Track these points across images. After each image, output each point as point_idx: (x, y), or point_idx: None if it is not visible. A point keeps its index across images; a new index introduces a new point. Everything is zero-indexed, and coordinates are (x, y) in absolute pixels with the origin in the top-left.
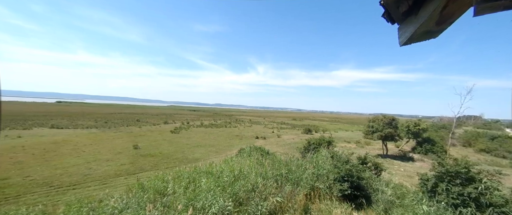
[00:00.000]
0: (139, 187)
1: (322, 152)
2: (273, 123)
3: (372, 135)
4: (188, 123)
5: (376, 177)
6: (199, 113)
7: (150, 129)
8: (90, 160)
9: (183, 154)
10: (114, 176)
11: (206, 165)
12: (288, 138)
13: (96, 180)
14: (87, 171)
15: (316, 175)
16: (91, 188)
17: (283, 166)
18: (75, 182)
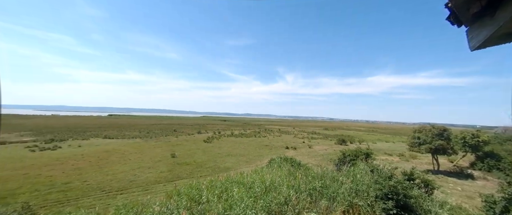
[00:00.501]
0: (176, 194)
1: (359, 165)
2: (303, 133)
3: (419, 147)
4: (219, 133)
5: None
6: (229, 122)
7: (185, 139)
8: (134, 167)
9: (215, 163)
10: (154, 182)
11: (237, 175)
12: (320, 149)
13: (140, 186)
14: (132, 177)
15: (354, 190)
16: (136, 194)
17: (317, 179)
18: (122, 188)
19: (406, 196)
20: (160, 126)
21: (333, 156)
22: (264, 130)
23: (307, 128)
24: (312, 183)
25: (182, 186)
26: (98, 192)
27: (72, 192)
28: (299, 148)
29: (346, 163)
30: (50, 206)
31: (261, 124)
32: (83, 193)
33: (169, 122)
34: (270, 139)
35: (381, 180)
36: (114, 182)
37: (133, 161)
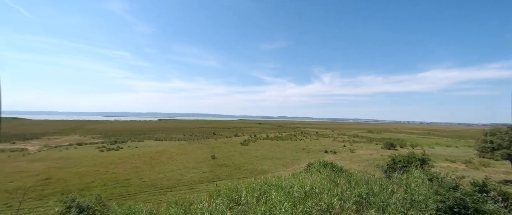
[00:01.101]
0: (218, 194)
1: (414, 172)
2: (343, 136)
3: (492, 153)
4: (255, 136)
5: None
6: (265, 125)
7: (224, 141)
8: (181, 167)
9: (252, 165)
10: (198, 182)
11: (275, 178)
12: (364, 153)
13: (186, 184)
14: (179, 176)
15: (408, 200)
16: (183, 192)
17: (362, 186)
18: (171, 185)
19: (478, 211)
20: (201, 129)
21: (380, 162)
22: (300, 133)
23: (347, 131)
24: (357, 189)
25: (223, 187)
26: (151, 189)
27: (132, 188)
28: (339, 152)
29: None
30: (115, 199)
31: (296, 127)
32: (140, 189)
33: (208, 126)
34: (307, 142)
35: (443, 191)
36: (164, 180)
37: (179, 161)
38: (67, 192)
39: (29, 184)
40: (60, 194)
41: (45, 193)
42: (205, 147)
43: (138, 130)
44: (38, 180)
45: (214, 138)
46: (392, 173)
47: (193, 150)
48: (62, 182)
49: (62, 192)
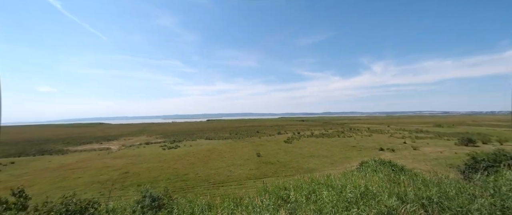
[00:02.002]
0: (265, 191)
1: (505, 174)
2: (402, 131)
3: None
4: (298, 133)
5: None
6: (308, 122)
7: (267, 139)
8: (229, 164)
9: (298, 163)
10: (246, 178)
11: (324, 177)
12: (432, 151)
13: (235, 180)
14: (228, 172)
15: (498, 207)
16: (233, 187)
17: (431, 188)
18: (222, 181)
19: None
20: (244, 128)
21: (454, 161)
22: (348, 129)
23: (407, 126)
24: (425, 191)
25: (270, 184)
26: (206, 183)
27: (189, 182)
28: (398, 150)
29: (480, 170)
30: (177, 191)
31: (344, 123)
32: (196, 183)
33: (251, 124)
34: (357, 139)
35: None
36: (216, 176)
37: (228, 158)
38: (141, 184)
39: (114, 177)
40: (136, 186)
41: (126, 184)
42: (250, 145)
43: (190, 130)
44: (120, 174)
45: (258, 136)
46: (472, 174)
47: (239, 148)
48: (137, 175)
49: (137, 184)
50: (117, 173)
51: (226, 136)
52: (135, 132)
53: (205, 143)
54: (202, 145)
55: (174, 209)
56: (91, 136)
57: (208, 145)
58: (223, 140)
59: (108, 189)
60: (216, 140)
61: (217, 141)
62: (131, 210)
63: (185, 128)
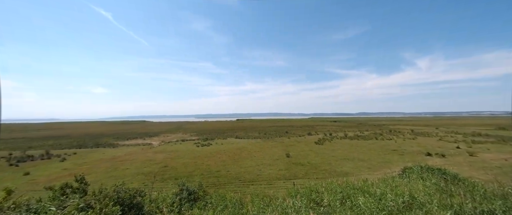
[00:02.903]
0: (296, 193)
1: None
2: (455, 134)
3: None
4: (330, 134)
5: None
6: (341, 123)
7: (297, 140)
8: (259, 163)
9: (330, 165)
10: (275, 178)
11: (360, 182)
12: (493, 158)
13: (264, 180)
14: (258, 172)
15: None
16: (262, 186)
17: (494, 200)
18: (252, 179)
19: None
20: (273, 128)
21: None
22: (388, 131)
23: (461, 128)
24: (487, 204)
25: (300, 186)
26: (236, 181)
27: (221, 179)
28: (450, 156)
29: None
30: (210, 187)
31: (382, 124)
32: (228, 180)
33: (281, 124)
34: (398, 142)
35: None
36: (246, 174)
37: (257, 158)
38: (178, 178)
39: (155, 170)
40: (174, 179)
41: (165, 177)
42: (279, 145)
43: (221, 129)
44: (160, 167)
45: (287, 137)
46: None
47: (269, 148)
48: (174, 169)
49: (175, 177)
50: (157, 166)
51: (255, 135)
52: (172, 129)
53: (235, 142)
54: (232, 144)
55: (208, 202)
56: (136, 132)
57: (238, 144)
58: (253, 139)
59: (150, 181)
60: (245, 139)
61: (246, 140)
62: (171, 201)
63: (216, 127)
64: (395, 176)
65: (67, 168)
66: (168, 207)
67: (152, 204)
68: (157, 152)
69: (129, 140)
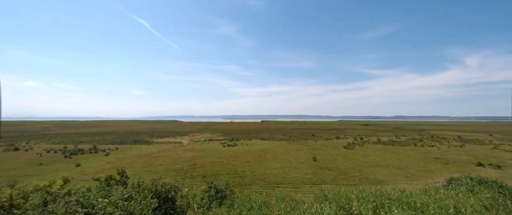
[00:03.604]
0: (324, 198)
1: None
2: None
3: None
4: (361, 139)
5: None
6: (373, 127)
7: (324, 143)
8: (284, 166)
9: (361, 172)
10: (301, 182)
11: (396, 191)
12: None
13: (290, 183)
14: (283, 174)
15: None
16: (288, 189)
17: None
18: (277, 182)
19: None
20: (299, 131)
21: None
22: (429, 137)
23: None
24: None
25: (328, 191)
26: (261, 182)
27: (246, 179)
28: (507, 167)
29: None
30: (235, 186)
31: (422, 129)
32: (252, 181)
33: (307, 127)
34: (442, 149)
35: None
36: (271, 176)
37: (282, 160)
38: (206, 175)
39: (185, 167)
40: (202, 177)
41: (194, 174)
42: (305, 148)
43: (246, 130)
44: (189, 165)
45: (314, 140)
46: None
47: (294, 150)
48: (202, 167)
49: (203, 175)
50: (187, 164)
51: (280, 137)
52: (201, 129)
53: (260, 143)
54: (257, 145)
55: (235, 202)
56: (168, 131)
57: (263, 145)
58: (277, 141)
59: (180, 177)
60: (270, 141)
61: (271, 141)
62: (200, 197)
63: (242, 128)
64: (439, 187)
65: (110, 161)
66: (197, 203)
67: (183, 199)
68: (186, 150)
69: (162, 138)
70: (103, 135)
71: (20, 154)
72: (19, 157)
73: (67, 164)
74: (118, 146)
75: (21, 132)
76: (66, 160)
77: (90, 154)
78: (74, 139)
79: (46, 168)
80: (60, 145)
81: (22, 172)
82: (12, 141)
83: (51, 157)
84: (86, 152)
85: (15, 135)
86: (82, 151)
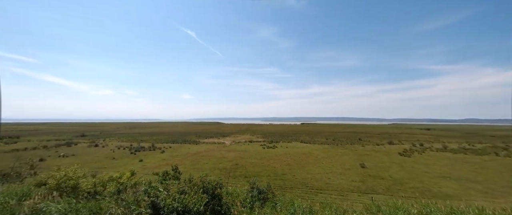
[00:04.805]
0: (377, 210)
1: None
2: None
3: None
4: (421, 145)
5: None
6: (436, 132)
7: (373, 149)
8: (327, 171)
9: (422, 183)
10: (348, 190)
11: (473, 209)
12: None
13: (334, 190)
14: (327, 180)
15: None
16: (333, 196)
17: None
18: (320, 187)
19: None
20: (344, 134)
21: None
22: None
23: None
24: None
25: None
26: (303, 187)
27: (287, 182)
28: None
29: None
30: (276, 189)
31: (507, 135)
32: (294, 184)
33: (352, 130)
34: None
35: None
36: (313, 181)
37: (325, 165)
38: (247, 176)
39: (228, 167)
40: (244, 177)
41: (236, 174)
42: (351, 153)
43: (286, 132)
44: (232, 165)
45: (361, 144)
46: None
47: (338, 155)
48: (244, 168)
49: (245, 175)
50: (230, 163)
51: (322, 140)
52: (241, 131)
53: (301, 146)
54: (297, 148)
55: (277, 204)
56: (212, 132)
57: (304, 148)
58: (319, 144)
59: (224, 175)
60: (311, 144)
61: (312, 145)
62: (244, 197)
63: (281, 130)
64: None
65: (165, 158)
66: (241, 202)
67: (229, 197)
68: (229, 151)
69: (207, 139)
70: (158, 135)
71: (98, 150)
72: (98, 152)
73: (133, 159)
74: (171, 144)
75: (99, 132)
76: (132, 155)
77: (149, 151)
78: (137, 138)
79: (117, 162)
80: (127, 143)
81: (100, 164)
82: (93, 139)
83: (121, 153)
84: (146, 149)
85: (95, 134)
86: (143, 148)
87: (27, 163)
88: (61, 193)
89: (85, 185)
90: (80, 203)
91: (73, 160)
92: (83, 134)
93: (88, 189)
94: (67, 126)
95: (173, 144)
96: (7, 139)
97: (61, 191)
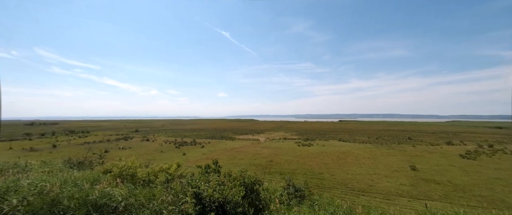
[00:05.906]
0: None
1: None
2: None
3: None
4: (490, 146)
5: None
6: (510, 130)
7: (426, 149)
8: (370, 172)
9: (491, 191)
10: (395, 194)
11: None
12: None
13: (379, 193)
14: (370, 181)
15: None
16: (377, 200)
17: None
18: (362, 189)
19: None
20: (389, 132)
21: None
22: None
23: None
24: None
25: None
26: (343, 187)
27: (325, 182)
28: None
29: None
30: (313, 188)
31: None
32: (332, 184)
33: (399, 128)
34: None
35: None
36: (354, 182)
37: (367, 165)
38: (282, 173)
39: (263, 163)
40: (279, 174)
41: (271, 171)
42: (398, 154)
43: (322, 130)
44: (267, 161)
45: (411, 144)
46: None
47: (383, 155)
48: (278, 165)
49: (280, 172)
50: (265, 160)
51: (364, 139)
52: (275, 128)
53: (339, 145)
54: (335, 146)
55: (315, 203)
56: (247, 128)
57: (342, 147)
58: (360, 143)
59: (260, 171)
60: (351, 143)
61: (352, 143)
62: (280, 193)
63: (317, 127)
64: None
65: (205, 153)
66: (278, 198)
67: (266, 192)
68: (263, 147)
69: (242, 135)
70: (198, 131)
71: (149, 144)
72: (149, 146)
73: (177, 153)
74: (210, 140)
75: (149, 128)
76: (176, 149)
77: (191, 146)
78: (180, 134)
79: (165, 155)
80: (172, 138)
81: (151, 157)
82: (145, 134)
83: (167, 147)
84: (188, 144)
85: (146, 130)
86: (186, 143)
87: (96, 154)
88: (122, 180)
89: (141, 174)
90: (137, 189)
91: (130, 152)
92: (137, 130)
93: (143, 177)
94: (123, 123)
95: (212, 140)
96: (81, 134)
97: (122, 178)
